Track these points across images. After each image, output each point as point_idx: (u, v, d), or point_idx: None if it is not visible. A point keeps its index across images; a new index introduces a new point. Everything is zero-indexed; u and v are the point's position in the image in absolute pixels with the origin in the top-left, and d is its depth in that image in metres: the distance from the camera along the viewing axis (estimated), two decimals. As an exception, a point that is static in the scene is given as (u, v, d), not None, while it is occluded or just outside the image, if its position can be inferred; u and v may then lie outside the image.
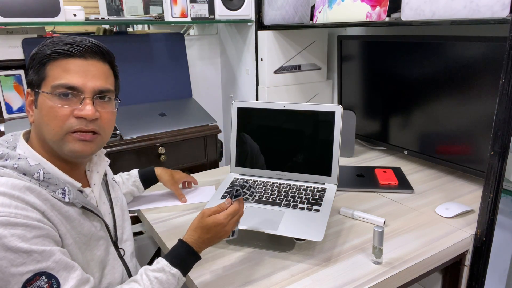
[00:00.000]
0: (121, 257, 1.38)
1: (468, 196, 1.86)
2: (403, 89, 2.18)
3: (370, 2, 1.77)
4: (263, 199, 1.63)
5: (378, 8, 1.75)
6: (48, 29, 2.79)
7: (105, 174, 1.46)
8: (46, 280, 1.02)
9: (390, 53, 2.20)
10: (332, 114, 1.65)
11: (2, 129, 2.19)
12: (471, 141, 1.91)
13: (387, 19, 1.74)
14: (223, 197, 1.66)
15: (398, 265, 1.37)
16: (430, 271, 1.49)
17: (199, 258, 1.27)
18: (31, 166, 1.13)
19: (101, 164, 1.40)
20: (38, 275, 1.02)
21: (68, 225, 1.16)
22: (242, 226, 1.48)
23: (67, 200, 1.16)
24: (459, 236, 1.54)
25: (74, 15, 2.25)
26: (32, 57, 1.19)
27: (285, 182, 1.73)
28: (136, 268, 1.48)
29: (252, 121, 1.77)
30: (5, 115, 2.37)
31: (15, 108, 2.37)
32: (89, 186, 1.35)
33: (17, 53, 2.37)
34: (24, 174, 1.12)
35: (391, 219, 1.68)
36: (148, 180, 1.85)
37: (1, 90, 2.34)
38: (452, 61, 1.89)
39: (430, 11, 1.53)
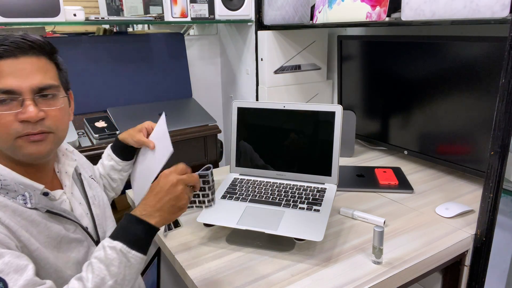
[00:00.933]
0: None
1: (468, 196, 1.86)
2: (403, 89, 2.18)
3: (370, 2, 1.77)
4: (263, 199, 1.63)
5: (378, 8, 1.75)
6: (48, 29, 2.79)
7: (79, 174, 1.42)
8: None
9: (390, 53, 2.20)
10: (332, 114, 1.65)
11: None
12: (471, 141, 1.91)
13: (387, 19, 1.74)
14: (223, 197, 1.66)
15: (398, 265, 1.37)
16: (430, 271, 1.49)
17: (147, 225, 1.11)
18: None
19: (69, 164, 1.37)
20: None
21: (33, 229, 1.12)
22: (242, 226, 1.48)
23: (29, 206, 1.12)
24: (459, 236, 1.54)
25: (74, 15, 2.25)
26: None
27: (285, 182, 1.73)
28: None
29: (252, 121, 1.77)
30: None
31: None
32: (61, 188, 1.31)
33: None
34: None
35: (391, 219, 1.68)
36: (117, 147, 1.67)
37: None
38: (452, 61, 1.89)
39: (430, 11, 1.53)
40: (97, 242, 1.34)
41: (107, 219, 1.44)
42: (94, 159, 1.74)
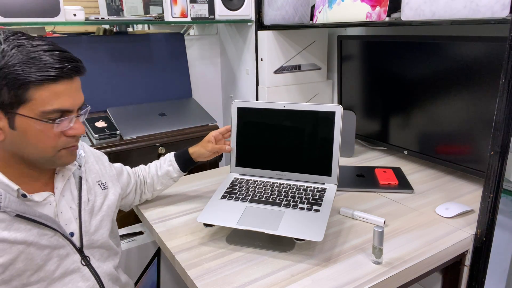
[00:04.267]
0: (88, 264, 1.36)
1: (468, 196, 1.86)
2: (403, 89, 2.18)
3: (370, 2, 1.77)
4: (263, 199, 1.63)
5: (378, 8, 1.75)
6: (48, 29, 2.79)
7: (80, 177, 1.42)
8: None
9: (390, 53, 2.20)
10: (332, 114, 1.65)
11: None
12: (471, 141, 1.91)
13: (387, 19, 1.74)
14: (223, 197, 1.66)
15: (398, 265, 1.37)
16: (430, 271, 1.49)
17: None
18: None
19: (68, 168, 1.38)
20: None
21: (6, 233, 1.16)
22: (242, 226, 1.48)
23: None
24: (459, 236, 1.54)
25: (74, 15, 2.25)
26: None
27: (285, 182, 1.73)
28: (111, 273, 1.46)
29: (252, 121, 1.76)
30: None
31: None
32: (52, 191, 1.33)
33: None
34: None
35: (391, 219, 1.68)
36: (182, 158, 1.79)
37: None
38: (452, 61, 1.89)
39: (430, 11, 1.53)
40: (79, 250, 1.34)
41: (101, 228, 1.43)
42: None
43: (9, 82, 1.09)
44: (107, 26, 2.90)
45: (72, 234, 1.32)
